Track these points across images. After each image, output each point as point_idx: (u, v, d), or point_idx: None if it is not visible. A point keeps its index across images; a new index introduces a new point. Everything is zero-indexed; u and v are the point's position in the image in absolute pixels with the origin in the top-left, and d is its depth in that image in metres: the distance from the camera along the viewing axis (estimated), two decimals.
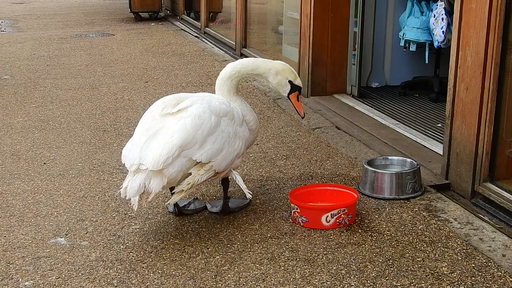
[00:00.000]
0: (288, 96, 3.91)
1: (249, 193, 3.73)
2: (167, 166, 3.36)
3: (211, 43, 10.69)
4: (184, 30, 12.24)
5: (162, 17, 14.32)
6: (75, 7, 17.25)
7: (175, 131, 3.43)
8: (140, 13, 13.91)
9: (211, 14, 11.83)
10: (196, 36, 11.45)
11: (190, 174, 3.47)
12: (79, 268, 3.24)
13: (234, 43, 9.53)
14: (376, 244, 3.44)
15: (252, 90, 7.18)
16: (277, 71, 3.82)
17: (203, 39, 11.10)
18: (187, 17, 13.28)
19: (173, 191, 3.56)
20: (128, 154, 3.46)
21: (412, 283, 3.06)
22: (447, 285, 3.04)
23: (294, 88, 3.87)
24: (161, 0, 14.16)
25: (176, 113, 3.53)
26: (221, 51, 9.90)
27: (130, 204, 3.43)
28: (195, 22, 12.44)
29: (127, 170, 3.47)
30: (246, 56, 8.94)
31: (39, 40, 11.11)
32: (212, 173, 3.55)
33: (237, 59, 8.96)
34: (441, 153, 4.47)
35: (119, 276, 3.15)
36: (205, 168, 3.49)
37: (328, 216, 3.62)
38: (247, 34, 9.27)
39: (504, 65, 3.80)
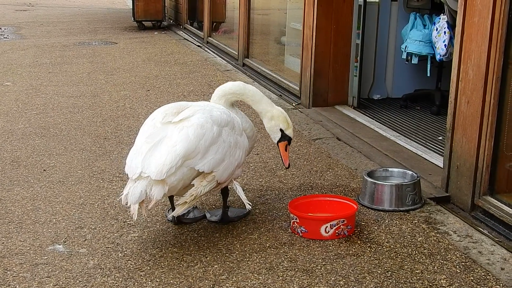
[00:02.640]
0: (277, 143, 3.90)
1: (248, 204, 3.72)
2: (169, 175, 3.36)
3: (214, 52, 10.71)
4: (187, 40, 12.27)
5: (165, 26, 14.35)
6: (79, 15, 17.30)
7: (178, 140, 3.42)
8: (143, 22, 13.95)
9: (214, 24, 11.86)
10: (198, 46, 11.47)
11: (191, 183, 3.47)
12: (76, 275, 3.23)
13: (237, 53, 9.55)
14: (375, 256, 3.44)
15: None
16: (272, 116, 3.85)
17: (206, 49, 11.12)
18: (190, 27, 13.31)
19: (176, 203, 3.55)
20: (131, 164, 3.44)
21: None
22: None
23: (284, 137, 3.86)
24: (164, 10, 14.19)
25: (178, 122, 3.52)
26: (223, 60, 9.92)
27: (130, 213, 3.40)
28: (198, 31, 12.47)
29: (128, 178, 3.46)
30: (249, 66, 8.96)
31: (42, 47, 11.14)
32: (215, 184, 3.55)
33: (239, 69, 9.05)
34: (442, 165, 4.47)
35: (116, 284, 3.14)
36: (207, 179, 3.49)
37: (327, 226, 3.62)
38: (249, 44, 9.29)
39: (505, 79, 3.80)
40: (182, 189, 3.49)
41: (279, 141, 3.87)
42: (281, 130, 3.84)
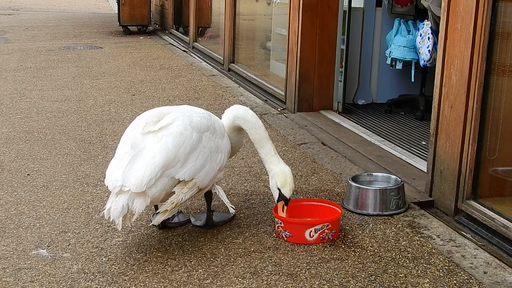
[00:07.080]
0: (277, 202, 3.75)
1: (232, 207, 3.73)
2: (150, 187, 3.35)
3: (199, 57, 10.72)
4: (173, 45, 12.26)
5: (151, 31, 14.34)
6: (64, 19, 17.24)
7: (157, 151, 3.40)
8: (129, 27, 13.93)
9: (200, 29, 11.87)
10: (184, 51, 11.47)
11: (173, 192, 3.46)
12: (60, 280, 3.21)
13: (222, 58, 9.56)
14: (359, 260, 3.45)
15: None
16: (273, 174, 3.76)
17: (192, 54, 11.12)
18: (176, 32, 13.31)
19: (157, 211, 3.55)
20: (111, 177, 3.42)
21: None
22: None
23: (281, 196, 3.70)
24: (150, 14, 14.19)
25: (157, 131, 3.50)
26: (209, 65, 9.93)
27: (114, 224, 3.38)
28: (184, 36, 12.47)
29: (109, 190, 3.44)
30: (234, 72, 8.97)
31: (27, 51, 11.09)
32: (196, 190, 3.55)
33: (225, 74, 9.05)
34: (425, 170, 4.49)
35: None
36: (188, 186, 3.48)
37: (311, 231, 3.62)
38: (235, 49, 9.30)
39: (487, 84, 3.84)
40: (165, 198, 3.49)
41: (277, 200, 3.73)
42: (278, 188, 3.72)
